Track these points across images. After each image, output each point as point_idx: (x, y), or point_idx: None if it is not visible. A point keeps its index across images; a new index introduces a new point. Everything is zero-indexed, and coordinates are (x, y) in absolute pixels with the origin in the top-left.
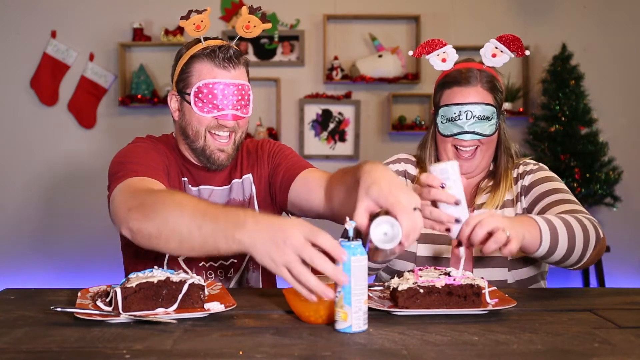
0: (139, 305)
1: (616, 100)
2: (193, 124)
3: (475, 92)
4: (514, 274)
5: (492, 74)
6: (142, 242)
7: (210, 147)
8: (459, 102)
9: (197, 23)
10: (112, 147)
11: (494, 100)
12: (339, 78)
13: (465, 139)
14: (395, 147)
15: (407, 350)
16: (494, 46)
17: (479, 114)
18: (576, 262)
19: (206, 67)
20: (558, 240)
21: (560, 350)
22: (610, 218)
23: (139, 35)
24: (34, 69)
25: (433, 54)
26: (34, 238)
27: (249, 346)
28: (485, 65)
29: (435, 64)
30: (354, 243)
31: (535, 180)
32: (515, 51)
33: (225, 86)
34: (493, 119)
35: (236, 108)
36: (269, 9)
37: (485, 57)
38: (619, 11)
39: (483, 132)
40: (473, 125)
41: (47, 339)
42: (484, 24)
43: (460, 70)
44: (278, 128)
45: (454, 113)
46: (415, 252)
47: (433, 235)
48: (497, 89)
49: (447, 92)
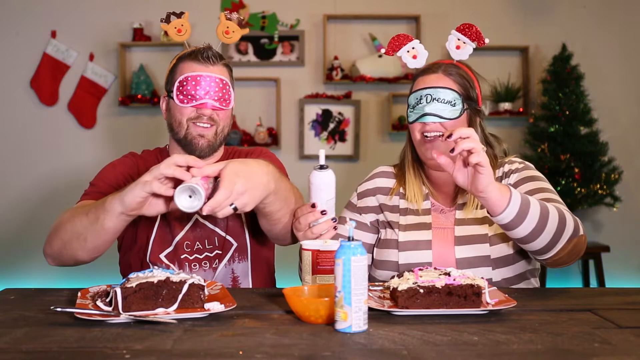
0: (139, 305)
1: (616, 100)
2: (176, 116)
3: (437, 77)
4: (500, 272)
5: (461, 68)
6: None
7: (191, 134)
8: (421, 87)
9: (177, 27)
10: (112, 147)
11: (459, 88)
12: (339, 78)
13: (426, 120)
14: (395, 147)
15: (407, 350)
16: (456, 38)
17: (439, 96)
18: (546, 247)
19: (187, 64)
20: (527, 213)
21: (560, 350)
22: (610, 218)
23: (139, 35)
24: (34, 69)
25: (403, 51)
26: (34, 238)
27: (249, 346)
28: (455, 61)
29: (407, 62)
30: (354, 243)
31: (520, 179)
32: (475, 41)
33: (202, 78)
34: (457, 105)
35: (214, 99)
36: (269, 9)
37: (451, 50)
38: (619, 11)
39: (444, 115)
40: (434, 107)
41: (47, 339)
42: (484, 24)
43: (428, 64)
44: (278, 128)
45: (416, 99)
46: (397, 261)
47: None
48: (464, 80)
49: (413, 83)
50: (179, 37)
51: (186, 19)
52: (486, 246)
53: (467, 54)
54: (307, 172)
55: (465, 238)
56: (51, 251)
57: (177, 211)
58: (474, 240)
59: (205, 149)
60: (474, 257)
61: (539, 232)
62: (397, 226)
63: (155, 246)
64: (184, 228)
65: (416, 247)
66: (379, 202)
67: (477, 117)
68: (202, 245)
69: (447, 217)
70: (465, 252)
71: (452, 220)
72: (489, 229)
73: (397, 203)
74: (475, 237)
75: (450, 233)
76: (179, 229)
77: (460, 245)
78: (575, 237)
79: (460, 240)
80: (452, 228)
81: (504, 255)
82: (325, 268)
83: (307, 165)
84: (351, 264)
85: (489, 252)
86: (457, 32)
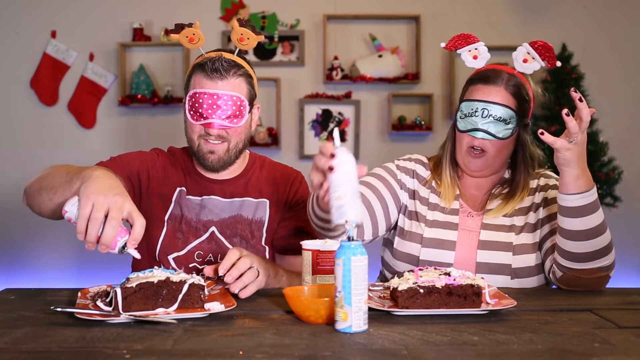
0: (139, 305)
1: (616, 100)
2: (188, 130)
3: (497, 92)
4: (518, 282)
5: (522, 81)
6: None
7: (202, 150)
8: (479, 99)
9: (189, 36)
10: (112, 147)
11: (516, 105)
12: (339, 78)
13: (476, 136)
14: (395, 147)
15: (407, 350)
16: (526, 51)
17: (496, 114)
18: (581, 256)
19: (198, 77)
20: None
21: (560, 350)
22: (610, 218)
23: (139, 35)
24: (34, 69)
25: (464, 49)
26: (34, 238)
27: (249, 346)
28: (516, 70)
29: (466, 60)
30: (354, 243)
31: None
32: (546, 60)
33: (209, 96)
34: (511, 124)
35: (221, 117)
36: (269, 9)
37: (517, 61)
38: (619, 11)
39: (496, 134)
40: (488, 124)
41: (47, 339)
42: (484, 24)
43: (489, 69)
44: (278, 128)
45: (471, 109)
46: (418, 256)
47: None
48: (522, 97)
49: (471, 88)
50: (192, 45)
51: (198, 28)
52: (509, 255)
53: (532, 70)
54: (307, 172)
55: (489, 243)
56: (29, 190)
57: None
58: (498, 247)
59: (216, 164)
60: (495, 263)
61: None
62: (423, 220)
63: (164, 246)
64: (200, 238)
65: (440, 246)
66: (414, 186)
67: (526, 133)
68: (215, 258)
69: (474, 221)
70: (486, 257)
71: (479, 224)
72: (515, 237)
73: (428, 196)
74: (499, 244)
75: (475, 236)
76: (193, 238)
77: (484, 249)
78: (606, 270)
79: (484, 244)
80: (477, 232)
81: (525, 267)
82: (325, 268)
83: (307, 165)
84: (351, 264)
85: (511, 261)
86: (528, 46)
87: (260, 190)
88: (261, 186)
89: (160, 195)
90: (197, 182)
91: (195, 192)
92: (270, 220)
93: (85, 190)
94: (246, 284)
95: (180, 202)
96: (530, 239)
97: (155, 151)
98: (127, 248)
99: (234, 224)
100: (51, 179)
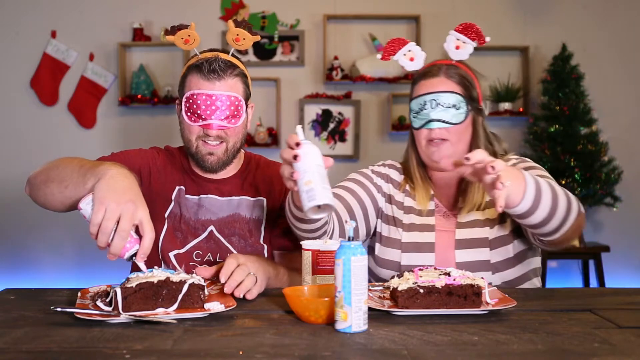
0: (139, 305)
1: (616, 100)
2: (185, 131)
3: (440, 81)
4: (500, 276)
5: (461, 68)
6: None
7: (201, 152)
8: (424, 93)
9: (184, 37)
10: (112, 147)
11: (461, 90)
12: (339, 78)
13: (432, 127)
14: (396, 147)
15: (407, 350)
16: (455, 38)
17: (444, 101)
18: (555, 229)
19: (194, 78)
20: (541, 200)
21: (560, 350)
22: (610, 218)
23: (139, 35)
24: (34, 69)
25: (399, 54)
26: (34, 238)
27: (249, 346)
28: (454, 61)
29: (405, 65)
30: (354, 243)
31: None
32: (475, 39)
33: (207, 97)
34: (462, 108)
35: (220, 118)
36: (269, 9)
37: (450, 50)
38: (619, 11)
39: (449, 120)
40: (439, 112)
41: (47, 339)
42: (484, 24)
43: (427, 66)
44: (278, 128)
45: (420, 104)
46: (400, 262)
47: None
48: (466, 81)
49: (415, 87)
50: (187, 46)
51: (193, 30)
52: (486, 250)
53: (468, 54)
54: None
55: (465, 242)
56: (34, 180)
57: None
58: (474, 244)
59: (215, 165)
60: (474, 261)
61: (552, 215)
62: (400, 225)
63: (165, 244)
64: (198, 237)
65: (419, 249)
66: (390, 191)
67: (480, 116)
68: (214, 257)
69: (449, 220)
70: (465, 257)
71: (454, 223)
72: (490, 232)
73: (403, 200)
74: (475, 241)
75: (451, 236)
76: (192, 237)
77: (460, 249)
78: (579, 215)
79: (461, 244)
80: (453, 231)
81: (504, 259)
82: (325, 268)
83: None
84: (351, 264)
85: (489, 256)
86: (456, 32)
87: (257, 189)
88: (257, 185)
89: (161, 192)
90: (194, 182)
91: (193, 192)
92: (268, 218)
93: (99, 193)
94: (249, 288)
95: (179, 200)
96: (505, 230)
97: (154, 149)
98: (136, 260)
99: (232, 223)
100: (61, 171)
